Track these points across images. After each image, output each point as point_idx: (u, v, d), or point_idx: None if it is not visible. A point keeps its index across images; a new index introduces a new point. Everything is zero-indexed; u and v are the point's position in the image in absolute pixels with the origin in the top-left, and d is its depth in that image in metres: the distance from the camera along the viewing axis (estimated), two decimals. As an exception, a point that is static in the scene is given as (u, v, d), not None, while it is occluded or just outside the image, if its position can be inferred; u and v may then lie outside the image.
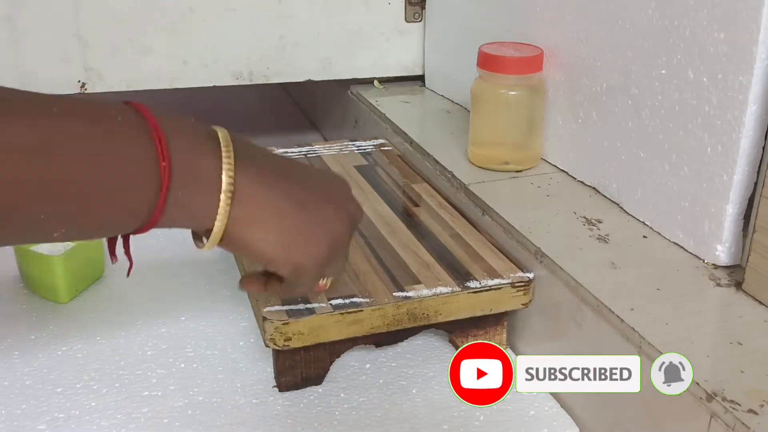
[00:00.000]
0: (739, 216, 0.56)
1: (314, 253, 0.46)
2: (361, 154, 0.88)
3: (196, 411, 0.57)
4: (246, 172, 0.43)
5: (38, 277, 0.70)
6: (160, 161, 0.39)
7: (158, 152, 0.39)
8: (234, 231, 0.43)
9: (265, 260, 0.46)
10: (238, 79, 0.98)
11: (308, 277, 0.48)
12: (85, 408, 0.57)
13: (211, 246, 0.44)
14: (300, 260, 0.46)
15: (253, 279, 0.50)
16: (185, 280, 0.74)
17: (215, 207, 0.42)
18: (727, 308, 0.53)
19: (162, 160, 0.39)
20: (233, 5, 0.95)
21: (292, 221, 0.45)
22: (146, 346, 0.65)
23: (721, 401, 0.44)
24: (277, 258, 0.45)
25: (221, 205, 0.42)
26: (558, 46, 0.73)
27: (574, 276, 0.57)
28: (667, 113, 0.60)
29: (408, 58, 1.06)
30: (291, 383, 0.60)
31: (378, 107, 0.98)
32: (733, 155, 0.54)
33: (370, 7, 1.01)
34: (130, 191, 0.39)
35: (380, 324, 0.58)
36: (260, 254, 0.45)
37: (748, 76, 0.52)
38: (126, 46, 0.92)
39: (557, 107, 0.75)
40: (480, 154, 0.78)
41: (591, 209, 0.68)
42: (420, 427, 0.56)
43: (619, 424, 0.53)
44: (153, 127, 0.39)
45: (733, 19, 0.53)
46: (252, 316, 0.67)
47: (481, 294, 0.60)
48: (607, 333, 0.53)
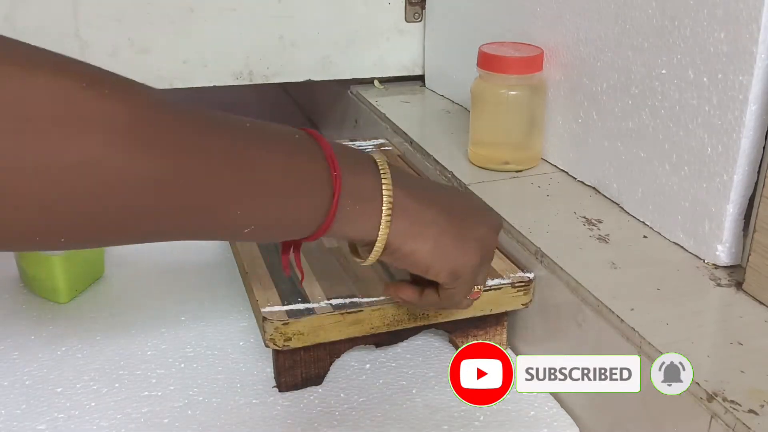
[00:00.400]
0: (740, 216, 0.56)
1: (468, 259, 0.51)
2: (361, 154, 0.87)
3: (196, 411, 0.57)
4: (402, 189, 0.48)
5: (38, 277, 0.70)
6: (332, 172, 0.45)
7: (330, 166, 0.45)
8: (395, 242, 0.48)
9: (424, 268, 0.50)
10: (238, 79, 0.98)
11: (464, 282, 0.52)
12: (85, 408, 0.57)
13: (375, 257, 0.49)
14: (456, 266, 0.50)
15: (406, 286, 0.54)
16: (185, 280, 0.74)
17: (378, 219, 0.47)
18: (728, 308, 0.53)
19: (333, 171, 0.45)
20: (233, 5, 0.95)
21: (446, 231, 0.50)
22: (146, 346, 0.64)
23: (721, 401, 0.44)
24: (435, 265, 0.50)
25: (383, 216, 0.47)
26: (558, 46, 0.73)
27: (575, 276, 0.57)
28: (668, 113, 0.60)
29: (408, 58, 1.06)
30: (291, 383, 0.60)
31: (378, 107, 0.98)
32: (733, 155, 0.54)
33: (370, 7, 1.01)
34: (308, 198, 0.45)
35: (380, 324, 0.58)
36: (420, 262, 0.50)
37: (749, 76, 0.52)
38: (125, 45, 0.92)
39: (557, 107, 0.75)
40: (480, 154, 0.78)
41: (591, 209, 0.68)
42: (420, 427, 0.56)
43: (619, 424, 0.53)
44: (324, 146, 0.46)
45: (733, 19, 0.53)
46: (252, 316, 0.67)
47: (482, 294, 0.60)
48: (607, 333, 0.53)
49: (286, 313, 0.56)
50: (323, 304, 0.57)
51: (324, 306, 0.57)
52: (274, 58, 0.99)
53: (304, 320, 0.56)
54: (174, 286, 0.73)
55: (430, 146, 0.83)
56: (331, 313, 0.56)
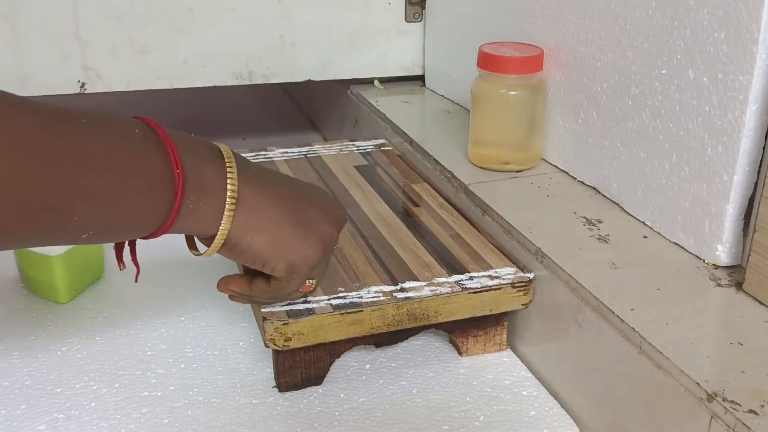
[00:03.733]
0: (740, 216, 0.56)
1: (307, 252, 0.51)
2: (361, 154, 0.88)
3: (196, 411, 0.57)
4: (246, 181, 0.47)
5: (38, 277, 0.70)
6: (174, 169, 0.43)
7: (172, 162, 0.43)
8: (235, 235, 0.47)
9: (262, 261, 0.50)
10: (238, 79, 0.98)
11: (300, 275, 0.52)
12: (85, 408, 0.57)
13: (213, 251, 0.48)
14: (294, 259, 0.50)
15: (234, 278, 0.54)
16: (185, 280, 0.74)
17: (221, 212, 0.46)
18: (728, 308, 0.53)
19: (176, 168, 0.43)
20: (233, 5, 0.95)
21: (287, 225, 0.49)
22: (146, 347, 0.64)
23: (721, 401, 0.44)
24: (271, 260, 0.49)
25: (226, 210, 0.46)
26: (558, 46, 0.73)
27: (575, 276, 0.57)
28: (668, 113, 0.60)
29: (408, 58, 1.06)
30: (291, 383, 0.60)
31: (378, 107, 0.98)
32: (733, 155, 0.54)
33: (370, 7, 1.01)
34: (150, 196, 0.43)
35: (380, 324, 0.58)
36: (257, 256, 0.49)
37: (749, 76, 0.52)
38: (125, 45, 0.92)
39: (557, 107, 0.75)
40: (480, 154, 0.78)
41: (591, 209, 0.68)
42: (420, 427, 0.56)
43: (619, 424, 0.53)
44: (165, 140, 0.44)
45: (733, 19, 0.53)
46: (252, 316, 0.67)
47: (481, 294, 0.60)
48: (607, 333, 0.53)
49: (286, 313, 0.56)
50: (323, 304, 0.57)
51: (324, 306, 0.57)
52: (274, 58, 0.99)
53: (304, 320, 0.56)
54: (174, 286, 0.73)
55: (430, 146, 0.84)
56: (331, 313, 0.56)
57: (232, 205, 0.46)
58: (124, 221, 0.43)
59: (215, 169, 0.46)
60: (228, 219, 0.46)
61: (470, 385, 0.61)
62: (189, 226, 0.46)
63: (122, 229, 0.44)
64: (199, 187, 0.45)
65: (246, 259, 0.50)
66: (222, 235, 0.47)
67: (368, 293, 0.59)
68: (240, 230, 0.47)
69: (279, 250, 0.49)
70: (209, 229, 0.47)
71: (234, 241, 0.48)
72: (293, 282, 0.52)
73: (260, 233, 0.48)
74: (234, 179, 0.46)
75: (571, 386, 0.58)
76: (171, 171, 0.43)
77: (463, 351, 0.64)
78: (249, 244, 0.48)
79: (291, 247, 0.50)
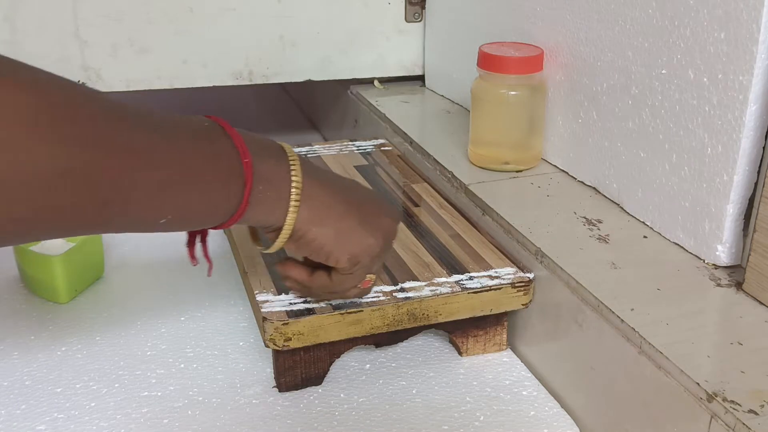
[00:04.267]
0: (740, 216, 0.56)
1: (370, 243, 0.52)
2: (361, 154, 0.88)
3: (196, 411, 0.57)
4: (308, 175, 0.50)
5: (38, 278, 0.70)
6: (243, 159, 0.46)
7: (240, 152, 0.46)
8: (301, 228, 0.49)
9: (326, 253, 0.51)
10: (237, 79, 0.98)
11: (362, 267, 0.53)
12: (85, 408, 0.57)
13: (280, 243, 0.50)
14: (357, 250, 0.52)
15: (296, 265, 0.55)
16: (185, 280, 0.74)
17: (286, 204, 0.48)
18: (728, 308, 0.53)
19: (244, 157, 0.46)
20: (233, 5, 0.95)
21: (349, 217, 0.51)
22: (146, 347, 0.64)
23: (721, 401, 0.44)
24: (335, 251, 0.51)
25: (291, 201, 0.48)
26: (558, 46, 0.73)
27: (575, 276, 0.57)
28: (668, 113, 0.60)
29: (408, 58, 1.06)
30: (291, 383, 0.60)
31: (378, 107, 0.98)
32: (733, 155, 0.54)
33: (370, 7, 1.01)
34: (222, 186, 0.45)
35: (380, 324, 0.58)
36: (322, 248, 0.51)
37: (749, 76, 0.52)
38: (125, 45, 0.92)
39: (557, 107, 0.75)
40: (480, 154, 0.78)
41: (591, 209, 0.68)
42: (420, 427, 0.56)
43: (619, 424, 0.53)
44: (232, 134, 0.46)
45: (733, 19, 0.53)
46: (252, 316, 0.67)
47: (481, 294, 0.60)
48: (607, 333, 0.53)
49: (286, 313, 0.56)
50: (323, 305, 0.57)
51: (324, 306, 0.57)
52: (274, 58, 0.99)
53: (304, 320, 0.56)
54: (174, 286, 0.73)
55: (430, 146, 0.83)
56: (331, 313, 0.56)
57: (297, 196, 0.48)
58: (198, 210, 0.45)
59: (279, 163, 0.48)
60: (294, 210, 0.48)
61: (470, 385, 0.61)
62: (258, 216, 0.48)
63: (197, 217, 0.46)
64: (266, 178, 0.47)
65: (311, 251, 0.51)
66: (289, 226, 0.49)
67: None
68: (305, 222, 0.49)
69: (342, 241, 0.51)
70: (276, 220, 0.49)
71: (300, 234, 0.50)
72: (355, 275, 0.53)
73: (324, 225, 0.50)
74: (298, 172, 0.48)
75: (571, 386, 0.58)
76: (240, 162, 0.46)
77: (463, 351, 0.64)
78: (314, 236, 0.50)
79: (354, 239, 0.51)
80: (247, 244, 0.66)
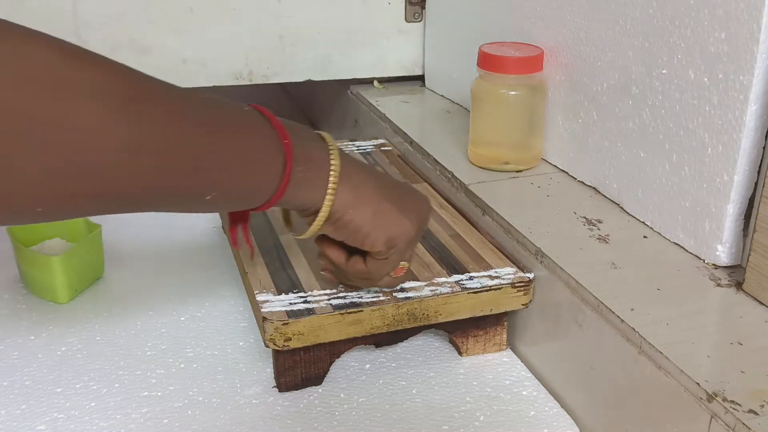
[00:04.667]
0: (740, 216, 0.56)
1: (405, 227, 0.53)
2: (361, 154, 0.88)
3: (196, 411, 0.57)
4: (346, 161, 0.51)
5: (38, 278, 0.70)
6: (282, 140, 0.47)
7: (280, 134, 0.47)
8: (338, 210, 0.51)
9: (362, 236, 0.52)
10: (238, 79, 0.98)
11: (397, 252, 0.54)
12: (85, 408, 0.57)
13: (318, 225, 0.51)
14: (393, 234, 0.53)
15: (333, 246, 0.56)
16: (185, 280, 0.74)
17: (325, 186, 0.50)
18: (728, 308, 0.53)
19: (284, 139, 0.47)
20: (233, 5, 0.95)
21: (385, 201, 0.52)
22: (146, 347, 0.64)
23: (721, 401, 0.44)
24: (372, 234, 0.52)
25: (330, 184, 0.50)
26: (558, 46, 0.73)
27: (575, 276, 0.57)
28: (668, 113, 0.60)
29: (408, 58, 1.06)
30: (291, 383, 0.60)
31: (378, 107, 0.98)
32: (733, 155, 0.54)
33: (370, 7, 1.01)
34: (264, 165, 0.47)
35: (380, 324, 0.58)
36: (358, 230, 0.52)
37: (749, 76, 0.52)
38: (125, 45, 0.92)
39: (557, 107, 0.75)
40: (480, 154, 0.78)
41: (591, 209, 0.68)
42: (420, 427, 0.56)
43: (619, 424, 0.53)
44: (271, 118, 0.48)
45: (734, 19, 0.53)
46: (252, 316, 0.67)
47: (481, 294, 0.60)
48: (607, 333, 0.53)
49: (286, 313, 0.56)
50: (323, 304, 0.57)
51: (324, 306, 0.57)
52: (274, 58, 0.99)
53: (304, 320, 0.56)
54: (174, 286, 0.73)
55: (430, 146, 0.83)
56: (331, 314, 0.56)
57: (335, 177, 0.49)
58: (242, 187, 0.47)
59: (318, 146, 0.50)
60: (332, 192, 0.50)
61: (470, 385, 0.61)
62: (297, 196, 0.49)
63: (241, 194, 0.48)
64: (305, 159, 0.49)
65: (347, 234, 0.52)
66: (327, 207, 0.50)
67: (368, 293, 0.59)
68: (342, 204, 0.50)
69: (379, 224, 0.52)
70: (316, 201, 0.50)
71: (337, 216, 0.51)
72: (390, 260, 0.54)
73: (361, 208, 0.51)
74: (336, 156, 0.50)
75: (571, 386, 0.58)
76: (280, 143, 0.47)
77: (463, 351, 0.64)
78: (351, 218, 0.51)
79: (390, 222, 0.52)
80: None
